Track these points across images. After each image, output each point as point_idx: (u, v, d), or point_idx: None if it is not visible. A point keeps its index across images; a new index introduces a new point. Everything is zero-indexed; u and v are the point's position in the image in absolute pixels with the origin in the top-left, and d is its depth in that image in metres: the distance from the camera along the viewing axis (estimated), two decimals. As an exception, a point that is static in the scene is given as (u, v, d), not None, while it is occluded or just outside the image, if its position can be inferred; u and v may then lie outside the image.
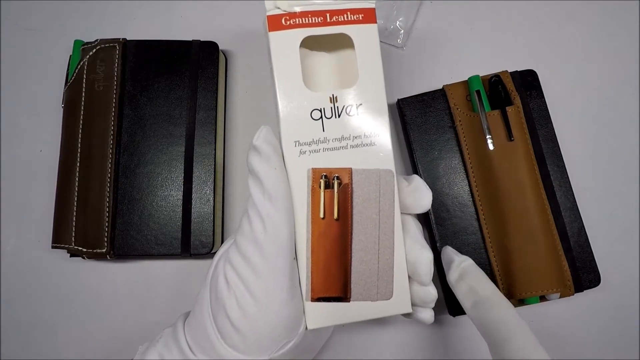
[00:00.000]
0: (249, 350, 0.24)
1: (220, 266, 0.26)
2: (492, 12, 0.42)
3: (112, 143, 0.36)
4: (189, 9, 0.42)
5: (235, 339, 0.24)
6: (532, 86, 0.37)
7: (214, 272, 0.26)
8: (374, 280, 0.26)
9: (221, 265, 0.26)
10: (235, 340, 0.24)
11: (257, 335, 0.24)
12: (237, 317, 0.24)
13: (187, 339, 0.26)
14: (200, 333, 0.25)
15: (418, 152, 0.37)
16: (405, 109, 0.38)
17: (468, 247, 0.35)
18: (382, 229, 0.26)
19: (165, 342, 0.26)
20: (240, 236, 0.25)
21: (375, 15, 0.27)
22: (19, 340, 0.37)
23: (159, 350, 0.26)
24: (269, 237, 0.24)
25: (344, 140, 0.26)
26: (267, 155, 0.24)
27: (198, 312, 0.26)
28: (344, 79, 0.29)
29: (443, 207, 0.36)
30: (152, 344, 0.27)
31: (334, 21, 0.26)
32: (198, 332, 0.26)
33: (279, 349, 0.25)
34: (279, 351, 0.25)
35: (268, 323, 0.24)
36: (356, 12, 0.27)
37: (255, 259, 0.24)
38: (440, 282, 0.36)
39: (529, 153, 0.35)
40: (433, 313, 0.27)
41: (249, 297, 0.24)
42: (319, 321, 0.25)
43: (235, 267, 0.24)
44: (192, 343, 0.26)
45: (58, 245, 0.35)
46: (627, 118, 0.40)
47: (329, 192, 0.26)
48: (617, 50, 0.41)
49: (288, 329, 0.25)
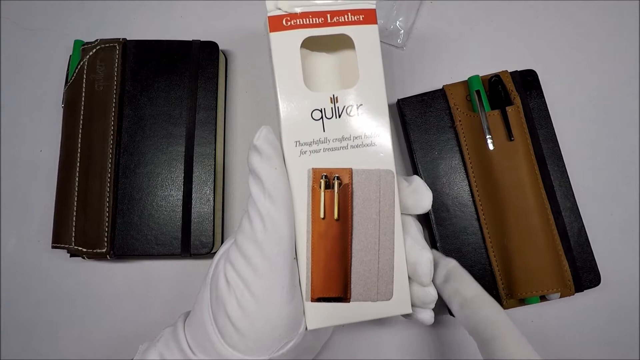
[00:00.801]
0: (249, 349, 0.24)
1: (220, 266, 0.26)
2: (492, 12, 0.42)
3: (112, 143, 0.36)
4: (189, 9, 0.42)
5: (236, 338, 0.24)
6: (532, 86, 0.37)
7: (215, 272, 0.26)
8: (374, 281, 0.26)
9: (221, 264, 0.26)
10: (235, 340, 0.24)
11: (257, 334, 0.24)
12: (238, 317, 0.24)
13: (187, 339, 0.26)
14: (200, 332, 0.25)
15: (418, 152, 0.37)
16: (405, 109, 0.38)
17: (468, 247, 0.35)
18: (382, 230, 0.26)
19: (165, 342, 0.26)
20: (241, 235, 0.25)
21: (375, 16, 0.27)
22: (19, 340, 0.37)
23: (159, 349, 0.26)
24: (269, 237, 0.24)
25: (344, 141, 0.26)
26: (268, 155, 0.25)
27: (198, 311, 0.26)
28: (344, 80, 0.29)
29: (443, 207, 0.36)
30: (152, 344, 0.27)
31: (335, 22, 0.27)
32: (198, 332, 0.26)
33: (279, 349, 0.25)
34: (279, 351, 0.25)
35: (268, 323, 0.24)
36: (357, 13, 0.27)
37: (255, 259, 0.24)
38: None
39: (529, 153, 0.35)
40: (433, 314, 0.27)
41: (249, 296, 0.24)
42: (318, 321, 0.25)
43: (235, 266, 0.24)
44: (192, 342, 0.26)
45: (58, 245, 0.35)
46: (627, 118, 0.40)
47: (329, 192, 0.26)
48: (617, 50, 0.41)
49: (288, 328, 0.25)
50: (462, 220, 0.36)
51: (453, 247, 0.36)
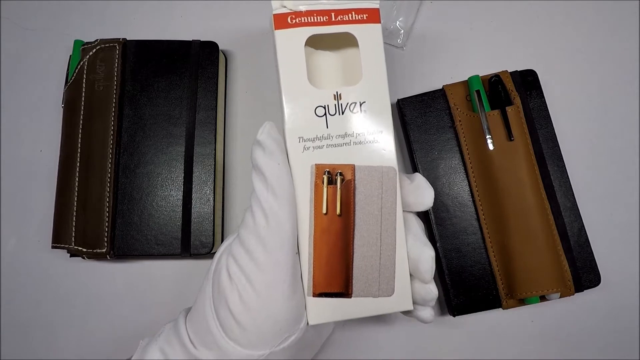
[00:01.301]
0: (250, 343, 0.24)
1: (223, 260, 0.26)
2: (492, 12, 0.42)
3: (112, 143, 0.36)
4: (189, 9, 0.42)
5: (237, 332, 0.24)
6: (532, 86, 0.37)
7: (217, 266, 0.26)
8: (376, 277, 0.26)
9: (224, 258, 0.26)
10: (237, 334, 0.24)
11: (258, 328, 0.24)
12: (239, 311, 0.24)
13: (188, 333, 0.26)
14: (202, 326, 0.25)
15: (418, 152, 0.37)
16: (405, 109, 0.38)
17: (468, 247, 0.35)
18: (384, 226, 0.26)
19: (166, 337, 0.27)
20: (244, 230, 0.25)
21: (379, 15, 0.27)
22: (19, 340, 0.37)
23: (159, 345, 0.26)
24: (271, 231, 0.24)
25: (347, 137, 0.26)
26: (271, 150, 0.25)
27: (200, 305, 0.26)
28: (347, 77, 0.29)
29: (443, 207, 0.36)
30: (153, 339, 0.27)
31: (339, 20, 0.27)
32: (200, 326, 0.26)
33: (280, 343, 0.25)
34: (280, 345, 0.25)
35: (270, 317, 0.24)
36: (360, 12, 0.27)
37: (257, 253, 0.24)
38: (440, 282, 0.36)
39: (529, 153, 0.35)
40: (433, 312, 0.27)
41: (251, 290, 0.24)
42: (320, 317, 0.26)
43: (237, 260, 0.25)
44: (193, 337, 0.26)
45: (58, 245, 0.35)
46: (627, 118, 0.40)
47: (331, 187, 0.26)
48: (617, 50, 0.41)
49: (289, 323, 0.25)
50: (462, 220, 0.36)
51: (453, 246, 0.36)
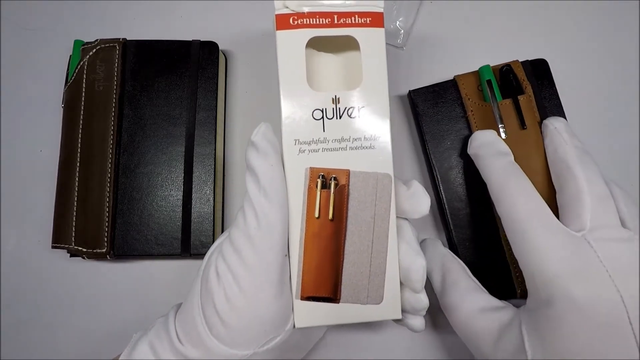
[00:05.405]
0: (234, 342, 0.24)
1: (213, 258, 0.26)
2: (492, 12, 0.42)
3: (112, 143, 0.36)
4: (189, 9, 0.42)
5: (221, 330, 0.24)
6: (544, 75, 0.37)
7: (207, 264, 0.26)
8: (365, 284, 0.26)
9: (214, 257, 0.26)
10: (221, 332, 0.24)
11: (243, 328, 0.24)
12: (225, 309, 0.24)
13: (177, 329, 0.26)
14: (189, 323, 0.26)
15: (430, 143, 0.37)
16: (417, 99, 0.38)
17: (482, 236, 0.35)
18: (376, 233, 0.26)
19: (156, 331, 0.27)
20: (235, 229, 0.25)
21: (382, 20, 0.27)
22: (19, 340, 0.37)
23: (149, 338, 0.26)
24: (261, 232, 0.24)
25: (343, 142, 0.26)
26: (265, 152, 0.25)
27: (189, 302, 0.26)
28: (347, 81, 0.29)
29: (457, 197, 0.36)
30: (144, 333, 0.27)
31: (341, 23, 0.26)
32: (187, 323, 0.26)
33: (265, 344, 0.25)
34: (264, 346, 0.25)
35: (255, 317, 0.24)
36: (364, 16, 0.27)
37: (246, 253, 0.24)
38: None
39: (542, 141, 0.35)
40: (423, 321, 0.27)
41: (237, 289, 0.24)
42: (307, 320, 0.26)
43: (226, 259, 0.25)
44: (180, 333, 0.26)
45: (58, 245, 0.35)
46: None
47: (325, 192, 0.26)
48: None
49: (275, 324, 0.25)
50: (475, 209, 0.36)
51: (467, 236, 0.36)
